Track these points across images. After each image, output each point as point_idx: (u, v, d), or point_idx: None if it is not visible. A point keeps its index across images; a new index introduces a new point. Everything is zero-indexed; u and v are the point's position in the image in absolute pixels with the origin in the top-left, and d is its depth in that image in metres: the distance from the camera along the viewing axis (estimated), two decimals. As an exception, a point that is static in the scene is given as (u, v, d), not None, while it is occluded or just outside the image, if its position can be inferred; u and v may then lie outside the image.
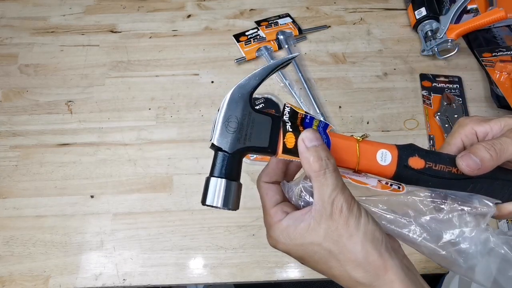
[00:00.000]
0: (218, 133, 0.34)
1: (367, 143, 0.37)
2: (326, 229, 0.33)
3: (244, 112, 0.35)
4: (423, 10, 0.90)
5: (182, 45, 0.92)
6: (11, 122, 0.81)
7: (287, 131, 0.35)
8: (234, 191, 0.35)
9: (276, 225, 0.35)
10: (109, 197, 0.73)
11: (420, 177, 0.36)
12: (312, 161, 0.34)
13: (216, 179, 0.34)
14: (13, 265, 0.67)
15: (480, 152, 0.35)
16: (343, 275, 0.33)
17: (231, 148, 0.34)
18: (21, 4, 0.99)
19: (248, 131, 0.35)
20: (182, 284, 0.67)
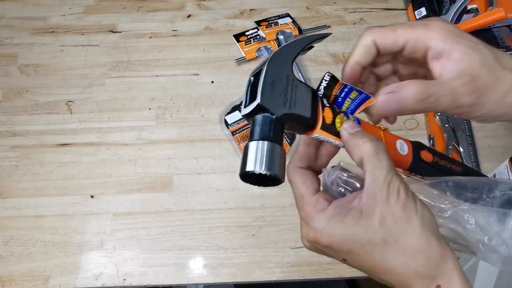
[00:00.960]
0: (262, 91, 0.30)
1: (387, 132, 0.37)
2: (382, 214, 0.29)
3: (289, 76, 0.32)
4: (423, 10, 0.90)
5: (182, 45, 0.92)
6: (11, 122, 0.81)
7: (325, 106, 0.33)
8: (280, 155, 0.30)
9: (320, 214, 0.31)
10: (109, 197, 0.73)
11: (430, 169, 0.37)
12: (362, 143, 0.30)
13: (257, 142, 0.29)
14: (13, 265, 0.67)
15: (409, 102, 0.32)
16: (400, 266, 0.29)
17: (278, 111, 0.30)
18: (21, 4, 0.99)
19: (293, 97, 0.31)
20: (182, 284, 0.67)
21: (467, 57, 0.31)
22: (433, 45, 0.32)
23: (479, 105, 0.31)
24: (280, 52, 0.33)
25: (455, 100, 0.31)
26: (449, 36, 0.32)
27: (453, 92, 0.31)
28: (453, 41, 0.32)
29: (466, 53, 0.31)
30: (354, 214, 0.29)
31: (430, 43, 0.32)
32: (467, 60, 0.31)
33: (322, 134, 0.33)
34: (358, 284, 1.24)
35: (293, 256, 0.67)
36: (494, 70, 0.31)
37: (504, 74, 0.31)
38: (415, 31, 0.32)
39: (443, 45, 0.32)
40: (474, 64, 0.31)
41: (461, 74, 0.31)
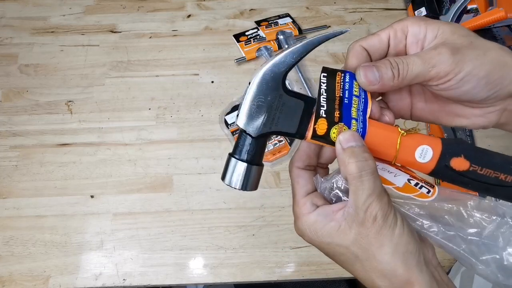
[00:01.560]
0: (244, 115, 0.33)
1: (409, 136, 0.34)
2: (356, 234, 0.31)
3: (275, 94, 0.33)
4: (423, 10, 0.90)
5: (182, 45, 0.92)
6: (11, 122, 0.81)
7: (320, 117, 0.33)
8: (254, 175, 0.34)
9: (304, 217, 0.34)
10: (109, 197, 0.73)
11: (459, 178, 0.33)
12: (348, 163, 0.31)
13: (236, 161, 0.34)
14: (13, 265, 0.67)
15: (383, 68, 0.32)
16: (366, 280, 0.32)
17: (256, 132, 0.33)
18: (21, 4, 0.99)
19: (277, 115, 0.33)
20: (182, 284, 0.67)
21: (440, 32, 0.32)
22: (409, 30, 0.33)
23: (457, 62, 0.31)
24: (272, 66, 0.33)
25: (428, 61, 0.31)
26: (421, 20, 0.33)
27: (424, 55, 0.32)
28: (425, 23, 0.33)
29: (438, 28, 0.32)
30: (333, 227, 0.32)
31: (408, 29, 0.34)
32: (439, 34, 0.32)
33: (315, 142, 0.33)
34: (358, 284, 1.24)
35: (293, 256, 0.67)
36: (468, 35, 0.32)
37: (478, 39, 0.32)
38: (393, 25, 0.34)
39: (418, 28, 0.33)
40: (445, 33, 0.32)
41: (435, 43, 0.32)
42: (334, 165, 0.37)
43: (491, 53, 0.31)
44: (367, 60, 0.35)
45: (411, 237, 0.31)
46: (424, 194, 0.34)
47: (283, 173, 0.74)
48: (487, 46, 0.32)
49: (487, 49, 0.31)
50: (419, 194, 0.34)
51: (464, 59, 0.31)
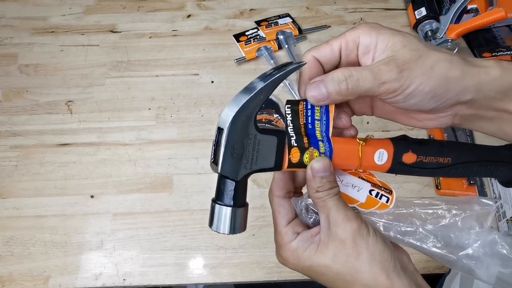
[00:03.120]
0: (222, 161, 0.32)
1: (367, 145, 0.37)
2: (334, 250, 0.33)
3: (250, 135, 0.33)
4: (423, 10, 0.90)
5: (182, 45, 0.92)
6: (11, 122, 0.81)
7: (292, 146, 0.35)
8: (241, 217, 0.35)
9: (286, 246, 0.35)
10: (109, 197, 0.73)
11: (410, 170, 0.38)
12: (316, 189, 0.34)
13: (221, 207, 0.34)
14: (13, 265, 0.67)
15: (330, 85, 0.32)
16: None
17: (237, 176, 0.33)
18: (21, 4, 0.99)
19: (254, 155, 0.33)
20: (182, 284, 0.67)
21: (390, 43, 0.32)
22: (361, 41, 0.33)
23: (405, 78, 0.31)
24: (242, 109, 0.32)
25: (377, 77, 0.31)
26: (373, 29, 0.33)
27: (374, 70, 0.32)
28: (376, 33, 0.33)
29: (389, 40, 0.32)
30: (312, 249, 0.34)
31: (359, 39, 0.33)
32: (390, 45, 0.32)
33: (290, 170, 0.36)
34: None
35: (293, 256, 0.67)
36: (417, 49, 0.32)
37: (427, 52, 0.32)
38: (345, 35, 0.34)
39: (369, 38, 0.33)
40: (396, 46, 0.32)
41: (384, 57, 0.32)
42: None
43: (438, 67, 0.32)
44: (319, 70, 0.35)
45: (384, 245, 0.33)
46: (384, 204, 0.37)
47: (283, 173, 0.74)
48: (436, 59, 0.32)
49: (435, 63, 0.32)
50: (380, 206, 0.37)
51: (411, 76, 0.31)
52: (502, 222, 0.68)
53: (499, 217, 0.69)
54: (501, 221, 0.68)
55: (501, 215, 0.68)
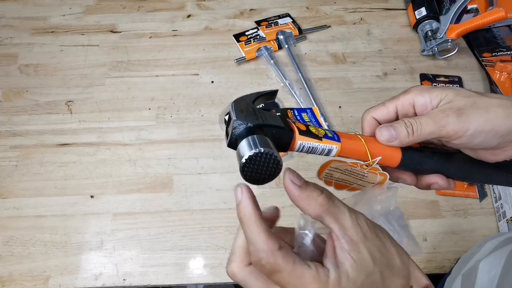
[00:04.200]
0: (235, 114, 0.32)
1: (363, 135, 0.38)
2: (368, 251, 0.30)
3: (252, 106, 0.35)
4: (423, 10, 0.90)
5: (182, 45, 0.92)
6: (11, 122, 0.81)
7: (295, 122, 0.36)
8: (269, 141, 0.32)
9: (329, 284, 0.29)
10: (109, 197, 0.73)
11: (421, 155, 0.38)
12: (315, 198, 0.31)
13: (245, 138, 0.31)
14: (13, 265, 0.67)
15: (398, 128, 0.36)
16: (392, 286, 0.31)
17: (252, 122, 0.32)
18: (21, 4, 0.99)
19: (263, 116, 0.34)
20: (182, 284, 0.66)
21: (443, 96, 0.36)
22: (415, 101, 0.38)
23: (463, 122, 0.35)
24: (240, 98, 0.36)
25: (437, 122, 0.35)
26: (424, 90, 0.38)
27: (433, 117, 0.36)
28: (428, 92, 0.37)
29: (441, 94, 0.37)
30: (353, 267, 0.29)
31: (413, 101, 0.38)
32: (443, 97, 0.36)
33: (304, 139, 0.34)
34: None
35: (293, 256, 0.67)
36: (470, 96, 0.36)
37: (480, 97, 0.36)
38: (399, 98, 0.38)
39: (422, 98, 0.37)
40: (449, 96, 0.36)
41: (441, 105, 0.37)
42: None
43: (493, 109, 0.35)
44: None
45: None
46: None
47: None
48: (489, 103, 0.35)
49: (489, 106, 0.35)
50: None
51: (468, 119, 0.35)
52: (502, 222, 0.68)
53: (499, 217, 0.69)
54: (501, 221, 0.68)
55: (501, 215, 0.68)
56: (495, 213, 0.70)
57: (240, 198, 0.31)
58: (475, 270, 0.50)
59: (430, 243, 0.68)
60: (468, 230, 0.69)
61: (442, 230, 0.69)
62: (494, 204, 0.71)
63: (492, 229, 0.69)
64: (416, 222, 0.70)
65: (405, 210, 0.71)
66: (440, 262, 0.66)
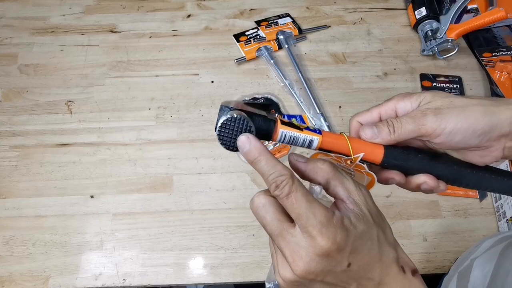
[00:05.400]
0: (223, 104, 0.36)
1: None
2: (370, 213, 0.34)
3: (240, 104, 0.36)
4: (423, 10, 0.90)
5: (182, 45, 0.92)
6: (11, 122, 0.81)
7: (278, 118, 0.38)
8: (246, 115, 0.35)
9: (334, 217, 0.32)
10: (109, 197, 0.73)
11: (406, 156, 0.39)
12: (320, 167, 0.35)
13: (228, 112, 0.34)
14: (12, 265, 0.67)
15: (380, 126, 0.38)
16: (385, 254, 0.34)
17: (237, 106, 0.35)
18: (20, 4, 0.99)
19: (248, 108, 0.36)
20: (182, 284, 0.66)
21: (422, 98, 0.39)
22: (397, 108, 0.40)
23: (441, 120, 0.36)
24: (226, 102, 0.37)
25: (417, 121, 0.37)
26: (405, 96, 0.40)
27: (412, 116, 0.38)
28: (408, 98, 0.39)
29: (420, 97, 0.39)
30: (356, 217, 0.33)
31: (395, 106, 0.40)
32: (422, 100, 0.38)
33: (286, 128, 0.36)
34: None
35: (293, 256, 0.67)
36: (447, 97, 0.38)
37: (457, 98, 0.38)
38: (382, 105, 0.41)
39: (403, 103, 0.39)
40: (427, 98, 0.38)
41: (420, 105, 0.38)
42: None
43: (470, 107, 0.37)
44: None
45: None
46: None
47: (283, 173, 0.74)
48: (467, 103, 0.37)
49: (466, 105, 0.37)
50: None
51: (445, 117, 0.36)
52: (502, 222, 0.68)
53: (499, 217, 0.69)
54: (501, 221, 0.68)
55: (501, 215, 0.68)
56: (495, 213, 0.70)
57: (247, 142, 0.34)
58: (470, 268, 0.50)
59: (430, 243, 0.68)
60: (468, 230, 0.69)
61: (442, 230, 0.69)
62: (494, 204, 0.71)
63: (492, 229, 0.69)
64: (416, 222, 0.70)
65: (405, 210, 0.71)
66: (440, 262, 0.66)
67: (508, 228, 0.66)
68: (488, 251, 0.50)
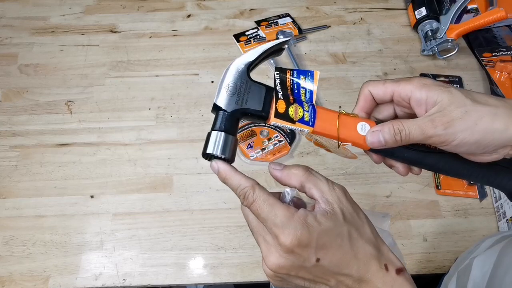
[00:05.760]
0: (219, 95, 0.40)
1: (349, 116, 0.41)
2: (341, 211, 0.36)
3: (242, 80, 0.41)
4: (423, 10, 0.90)
5: (182, 45, 0.92)
6: (11, 122, 0.81)
7: (279, 99, 0.40)
8: (231, 143, 0.39)
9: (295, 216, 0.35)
10: (109, 197, 0.73)
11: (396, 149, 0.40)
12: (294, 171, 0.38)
13: (216, 132, 0.39)
14: (12, 265, 0.67)
15: (387, 135, 0.38)
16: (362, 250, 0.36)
17: (229, 108, 0.40)
18: (21, 4, 0.99)
19: (245, 96, 0.40)
20: (182, 284, 0.66)
21: (439, 99, 0.37)
22: (412, 96, 0.39)
23: (450, 134, 0.36)
24: (238, 60, 0.42)
25: (424, 132, 0.37)
26: (424, 87, 0.38)
27: (421, 126, 0.37)
28: (427, 90, 0.38)
29: (438, 96, 0.37)
30: (323, 214, 0.35)
31: (410, 94, 0.39)
32: (438, 101, 0.37)
33: (278, 121, 0.40)
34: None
35: (293, 256, 0.67)
36: (463, 106, 0.36)
37: (473, 107, 0.36)
38: (399, 84, 0.40)
39: (419, 94, 0.38)
40: (443, 103, 0.37)
41: (432, 113, 0.37)
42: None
43: (482, 122, 0.36)
44: (373, 103, 0.42)
45: None
46: None
47: (283, 173, 0.74)
48: (481, 114, 0.36)
49: (479, 118, 0.36)
50: None
51: (455, 132, 0.36)
52: (502, 222, 0.68)
53: (499, 217, 0.69)
54: (501, 221, 0.68)
55: (501, 215, 0.68)
56: (495, 213, 0.70)
57: (216, 166, 0.39)
58: (469, 267, 0.50)
59: (430, 243, 0.68)
60: (468, 230, 0.69)
61: (442, 230, 0.69)
62: (494, 204, 0.71)
63: (492, 229, 0.69)
64: (416, 222, 0.70)
65: (405, 210, 0.71)
66: (440, 262, 0.66)
67: (508, 228, 0.66)
68: (488, 250, 0.50)
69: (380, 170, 0.74)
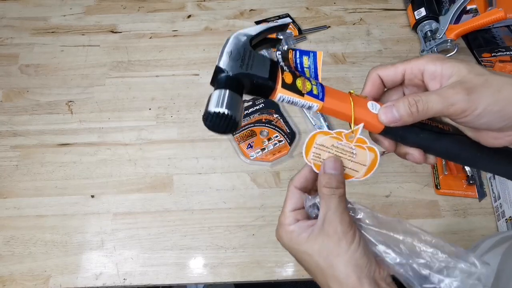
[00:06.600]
0: (221, 59, 0.36)
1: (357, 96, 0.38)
2: (320, 243, 0.36)
3: (246, 48, 0.37)
4: (423, 11, 0.90)
5: (182, 45, 0.92)
6: (11, 122, 0.81)
7: (285, 70, 0.37)
8: (238, 102, 0.34)
9: (285, 227, 0.39)
10: (110, 197, 0.73)
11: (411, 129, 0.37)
12: (324, 185, 0.37)
13: (220, 90, 0.34)
14: (13, 264, 0.67)
15: (401, 108, 0.35)
16: (323, 285, 0.37)
17: (234, 71, 0.35)
18: (21, 5, 0.99)
19: (250, 63, 0.36)
20: (182, 283, 0.67)
21: (455, 70, 0.35)
22: (426, 68, 0.36)
23: (473, 101, 0.33)
24: (241, 31, 0.38)
25: (445, 100, 0.34)
26: (438, 59, 0.36)
27: (442, 93, 0.34)
28: (441, 62, 0.36)
29: (454, 67, 0.35)
30: (304, 237, 0.37)
31: (424, 67, 0.37)
32: (455, 72, 0.35)
33: (285, 93, 0.36)
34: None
35: (293, 255, 0.67)
36: (482, 74, 0.34)
37: (493, 76, 0.34)
38: (410, 62, 0.38)
39: (434, 66, 0.36)
40: (462, 72, 0.34)
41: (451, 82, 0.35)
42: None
43: (505, 89, 0.33)
44: (381, 87, 0.39)
45: (364, 254, 0.36)
46: None
47: (283, 173, 0.74)
48: (501, 83, 0.34)
49: (501, 86, 0.34)
50: None
51: (479, 98, 0.33)
52: (501, 222, 0.68)
53: (498, 217, 0.69)
54: (500, 220, 0.68)
55: (500, 215, 0.69)
56: (494, 213, 0.70)
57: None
58: None
59: (430, 242, 0.68)
60: (468, 230, 0.69)
61: (442, 230, 0.69)
62: (493, 203, 0.71)
63: (491, 228, 0.69)
64: (416, 222, 0.70)
65: (404, 210, 0.71)
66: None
67: (507, 227, 0.66)
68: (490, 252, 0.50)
69: (379, 169, 0.74)
